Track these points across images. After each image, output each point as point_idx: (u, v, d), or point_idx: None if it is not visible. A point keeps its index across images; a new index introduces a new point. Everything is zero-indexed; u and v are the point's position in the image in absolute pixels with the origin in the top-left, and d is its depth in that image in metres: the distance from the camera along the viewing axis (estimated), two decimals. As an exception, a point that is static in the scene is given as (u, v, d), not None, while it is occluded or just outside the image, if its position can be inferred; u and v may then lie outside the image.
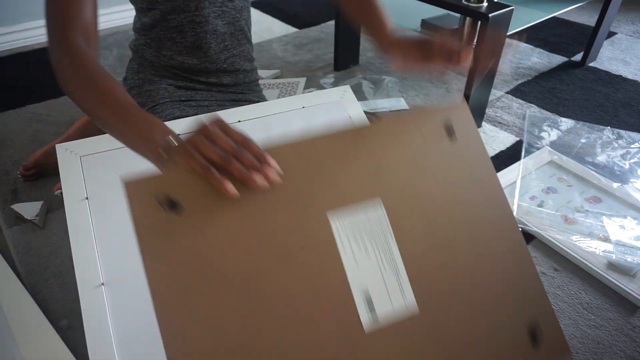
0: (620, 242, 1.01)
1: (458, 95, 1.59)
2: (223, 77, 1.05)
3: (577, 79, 1.70)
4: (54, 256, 0.99)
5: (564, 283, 0.95)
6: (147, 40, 0.99)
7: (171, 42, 0.97)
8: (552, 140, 1.35)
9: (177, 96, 1.00)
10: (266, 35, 2.01)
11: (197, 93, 1.03)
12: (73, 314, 0.87)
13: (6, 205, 1.12)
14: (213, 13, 0.96)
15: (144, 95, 1.00)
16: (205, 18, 0.95)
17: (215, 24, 0.97)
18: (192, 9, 0.94)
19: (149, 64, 1.02)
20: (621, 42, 1.99)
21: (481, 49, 0.71)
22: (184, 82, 1.02)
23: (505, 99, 1.57)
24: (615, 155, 1.30)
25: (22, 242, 1.02)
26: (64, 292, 0.91)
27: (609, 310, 0.90)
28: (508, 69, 0.73)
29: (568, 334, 0.86)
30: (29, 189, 1.16)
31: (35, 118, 1.44)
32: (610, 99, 1.58)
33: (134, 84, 1.03)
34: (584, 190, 1.17)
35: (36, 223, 1.06)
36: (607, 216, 1.09)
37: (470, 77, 0.70)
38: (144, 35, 0.99)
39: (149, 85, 1.01)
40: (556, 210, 1.10)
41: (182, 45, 0.97)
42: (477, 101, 1.33)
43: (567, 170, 1.23)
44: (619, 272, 0.95)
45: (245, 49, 1.07)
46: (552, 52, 1.89)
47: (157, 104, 0.98)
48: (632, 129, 1.42)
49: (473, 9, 1.19)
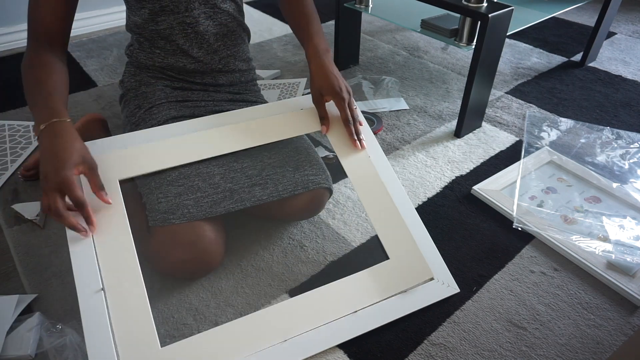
0: (619, 242, 1.02)
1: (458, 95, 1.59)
2: (218, 77, 1.05)
3: (577, 79, 1.70)
4: (54, 256, 0.99)
5: (564, 283, 0.95)
6: (140, 40, 0.99)
7: (164, 42, 0.97)
8: (551, 140, 1.35)
9: (174, 97, 1.01)
10: (266, 35, 2.02)
11: (194, 93, 1.03)
12: (74, 314, 0.87)
13: (6, 205, 1.12)
14: (204, 14, 0.96)
15: (140, 97, 1.00)
16: (196, 19, 0.95)
17: (207, 25, 0.97)
18: (182, 10, 0.93)
19: (144, 67, 1.02)
20: (621, 43, 1.99)
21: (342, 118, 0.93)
22: (180, 83, 1.02)
23: (505, 99, 1.57)
24: (614, 155, 1.30)
25: (22, 242, 1.02)
26: (64, 292, 0.91)
27: (609, 310, 0.90)
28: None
29: (568, 334, 0.86)
30: (30, 189, 1.16)
31: (35, 118, 1.44)
32: (610, 99, 1.58)
33: (130, 86, 1.03)
34: (583, 190, 1.17)
35: (36, 223, 1.06)
36: (607, 216, 1.09)
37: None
38: (136, 34, 0.99)
39: (145, 87, 1.01)
40: (556, 210, 1.10)
41: (174, 44, 0.97)
42: (476, 101, 1.33)
43: (567, 170, 1.23)
44: (619, 272, 0.95)
45: (240, 50, 1.06)
46: (551, 52, 1.89)
47: (153, 105, 0.98)
48: (631, 129, 1.42)
49: (473, 9, 1.19)
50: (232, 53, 1.04)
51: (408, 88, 1.63)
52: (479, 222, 1.09)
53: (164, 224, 0.84)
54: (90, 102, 1.54)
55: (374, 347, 0.83)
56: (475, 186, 1.17)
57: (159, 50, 0.98)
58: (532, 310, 0.90)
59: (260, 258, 1.00)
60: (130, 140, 0.89)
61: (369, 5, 1.56)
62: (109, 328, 0.72)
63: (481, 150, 1.33)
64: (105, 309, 0.73)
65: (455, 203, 1.15)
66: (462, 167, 1.27)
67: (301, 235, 1.05)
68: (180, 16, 0.94)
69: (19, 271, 0.96)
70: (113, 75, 1.70)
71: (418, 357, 0.82)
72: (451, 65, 1.79)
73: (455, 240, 1.05)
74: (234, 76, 1.07)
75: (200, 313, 0.89)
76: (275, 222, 1.07)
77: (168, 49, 0.98)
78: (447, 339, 0.85)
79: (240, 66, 1.07)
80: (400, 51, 1.89)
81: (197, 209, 0.86)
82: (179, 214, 0.84)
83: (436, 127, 1.43)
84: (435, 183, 1.21)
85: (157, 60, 1.00)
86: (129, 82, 1.03)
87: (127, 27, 1.01)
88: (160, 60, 0.99)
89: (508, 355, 0.82)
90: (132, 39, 1.03)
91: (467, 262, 0.99)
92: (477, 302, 0.91)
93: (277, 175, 0.93)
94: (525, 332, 0.86)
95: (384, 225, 0.91)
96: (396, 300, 0.86)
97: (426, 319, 0.87)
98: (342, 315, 0.83)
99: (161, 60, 0.99)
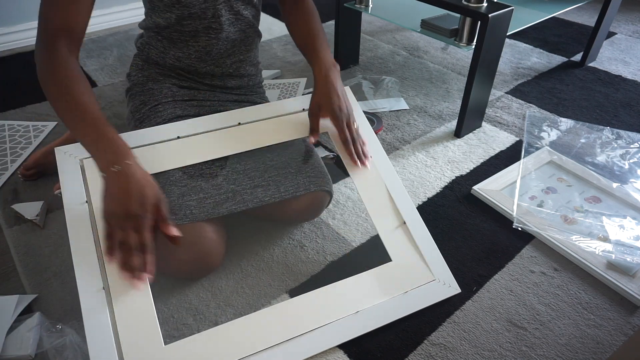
0: (619, 242, 1.02)
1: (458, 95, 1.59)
2: (228, 80, 1.05)
3: (577, 79, 1.70)
4: (54, 256, 0.99)
5: (564, 283, 0.95)
6: (158, 38, 0.98)
7: (183, 44, 0.97)
8: (551, 140, 1.35)
9: (180, 95, 1.01)
10: (266, 35, 2.01)
11: (200, 93, 1.03)
12: (74, 314, 0.87)
13: (6, 205, 1.12)
14: (228, 20, 0.96)
15: (147, 94, 1.00)
16: (221, 25, 0.95)
17: (229, 31, 0.97)
18: (209, 16, 0.93)
19: (154, 63, 1.01)
20: (621, 42, 1.99)
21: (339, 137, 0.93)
22: (187, 82, 1.02)
23: (505, 99, 1.57)
24: (614, 155, 1.30)
25: (22, 242, 1.02)
26: (64, 292, 0.91)
27: (609, 310, 0.90)
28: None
29: (568, 334, 0.86)
30: (29, 189, 1.16)
31: (35, 118, 1.44)
32: (610, 99, 1.58)
33: (137, 81, 1.02)
34: (583, 190, 1.17)
35: (36, 223, 1.06)
36: (607, 216, 1.09)
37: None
38: (155, 33, 0.98)
39: (152, 83, 1.01)
40: (556, 210, 1.10)
41: (193, 48, 0.97)
42: (476, 101, 1.33)
43: (567, 170, 1.23)
44: (619, 272, 0.95)
45: (252, 55, 1.07)
46: (551, 52, 1.89)
47: (159, 102, 0.98)
48: (631, 129, 1.42)
49: (473, 9, 1.19)
50: (244, 58, 1.04)
51: (408, 88, 1.63)
52: (479, 222, 1.09)
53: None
54: (90, 102, 1.53)
55: (374, 347, 0.83)
56: (475, 186, 1.17)
57: (176, 50, 0.98)
58: (532, 310, 0.90)
59: (260, 258, 1.00)
60: (131, 138, 0.89)
61: (369, 5, 1.56)
62: (110, 327, 0.72)
63: (481, 150, 1.33)
64: (107, 308, 0.73)
65: (455, 203, 1.15)
66: (462, 167, 1.27)
67: (301, 235, 1.05)
68: (207, 21, 0.94)
69: (19, 271, 0.96)
70: (113, 75, 1.70)
71: (418, 357, 0.82)
72: (451, 65, 1.79)
73: (455, 240, 1.05)
74: (243, 80, 1.07)
75: (200, 313, 0.89)
76: (276, 222, 1.08)
77: (185, 51, 0.98)
78: (447, 339, 0.85)
79: (250, 70, 1.08)
80: (400, 51, 1.89)
81: (200, 209, 0.86)
82: (182, 215, 0.84)
83: (436, 127, 1.43)
84: (435, 183, 1.21)
85: (169, 61, 0.99)
86: (136, 76, 1.03)
87: (144, 26, 1.00)
88: (172, 62, 0.99)
89: (508, 355, 0.82)
90: (145, 34, 1.02)
91: (467, 262, 0.99)
92: (477, 302, 0.91)
93: (279, 176, 0.93)
94: (525, 332, 0.86)
95: (386, 226, 0.91)
96: (397, 300, 0.86)
97: (426, 319, 0.87)
98: (343, 315, 0.83)
99: (173, 62, 0.99)
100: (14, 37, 1.90)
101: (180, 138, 0.91)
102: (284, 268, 0.98)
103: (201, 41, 0.96)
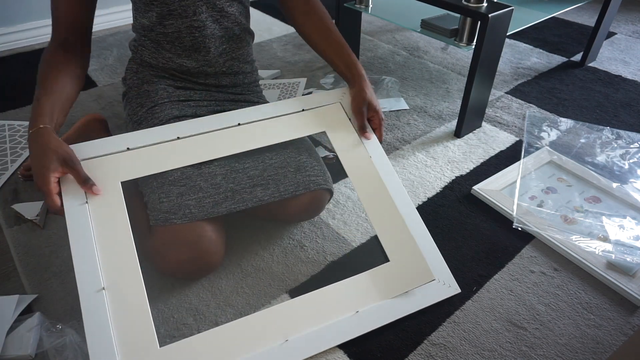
0: (619, 242, 1.02)
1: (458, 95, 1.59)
2: (222, 78, 1.05)
3: (577, 79, 1.70)
4: (54, 256, 0.99)
5: (564, 283, 0.95)
6: (146, 41, 0.99)
7: (170, 45, 0.97)
8: (551, 140, 1.35)
9: (176, 96, 1.01)
10: (266, 35, 2.02)
11: (196, 93, 1.03)
12: (74, 314, 0.87)
13: (6, 205, 1.12)
14: (211, 17, 0.96)
15: (143, 96, 1.00)
16: (203, 23, 0.95)
17: (213, 28, 0.97)
18: (190, 14, 0.93)
19: (148, 65, 1.02)
20: (621, 43, 1.99)
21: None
22: (182, 82, 1.02)
23: (505, 99, 1.57)
24: (614, 155, 1.30)
25: (22, 242, 1.02)
26: (64, 292, 0.91)
27: (609, 310, 0.90)
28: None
29: (568, 334, 0.86)
30: (30, 189, 1.16)
31: (35, 118, 1.44)
32: (610, 99, 1.58)
33: (132, 84, 1.03)
34: (583, 190, 1.17)
35: (36, 223, 1.06)
36: (607, 216, 1.09)
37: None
38: (142, 36, 0.99)
39: (147, 85, 1.01)
40: (556, 210, 1.10)
41: (180, 48, 0.97)
42: (476, 101, 1.33)
43: (567, 170, 1.23)
44: (619, 272, 0.95)
45: (244, 52, 1.07)
46: (551, 52, 1.89)
47: (156, 104, 0.98)
48: (631, 129, 1.42)
49: (473, 9, 1.19)
50: (236, 56, 1.04)
51: (408, 88, 1.63)
52: (479, 222, 1.09)
53: (165, 223, 0.84)
54: (90, 102, 1.54)
55: (374, 347, 0.83)
56: (475, 186, 1.17)
57: (165, 52, 0.98)
58: (532, 310, 0.90)
59: (260, 258, 1.00)
60: (130, 139, 0.89)
61: (369, 5, 1.56)
62: (110, 327, 0.72)
63: (481, 150, 1.33)
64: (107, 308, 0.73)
65: (455, 203, 1.15)
66: (462, 167, 1.27)
67: (301, 235, 1.05)
68: (188, 20, 0.94)
69: (19, 271, 0.96)
70: (113, 75, 1.70)
71: (418, 357, 0.82)
72: (451, 65, 1.79)
73: (455, 240, 1.05)
74: (238, 78, 1.07)
75: (200, 313, 0.89)
76: (276, 222, 1.08)
77: (174, 52, 0.98)
78: (447, 339, 0.85)
79: (244, 68, 1.08)
80: (400, 51, 1.89)
81: (199, 209, 0.86)
82: (181, 214, 0.85)
83: (436, 127, 1.43)
84: (435, 183, 1.21)
85: (162, 62, 1.00)
86: (131, 79, 1.03)
87: (134, 28, 1.01)
88: (164, 62, 1.00)
89: (508, 355, 0.82)
90: (137, 37, 1.03)
91: (467, 262, 0.99)
92: (477, 302, 0.91)
93: (279, 175, 0.93)
94: (525, 332, 0.86)
95: (385, 226, 0.91)
96: (397, 300, 0.86)
97: (426, 319, 0.87)
98: (343, 315, 0.83)
99: (165, 62, 0.99)
100: (14, 37, 1.90)
101: (180, 139, 0.91)
102: (284, 268, 0.98)
103: (186, 41, 0.96)
